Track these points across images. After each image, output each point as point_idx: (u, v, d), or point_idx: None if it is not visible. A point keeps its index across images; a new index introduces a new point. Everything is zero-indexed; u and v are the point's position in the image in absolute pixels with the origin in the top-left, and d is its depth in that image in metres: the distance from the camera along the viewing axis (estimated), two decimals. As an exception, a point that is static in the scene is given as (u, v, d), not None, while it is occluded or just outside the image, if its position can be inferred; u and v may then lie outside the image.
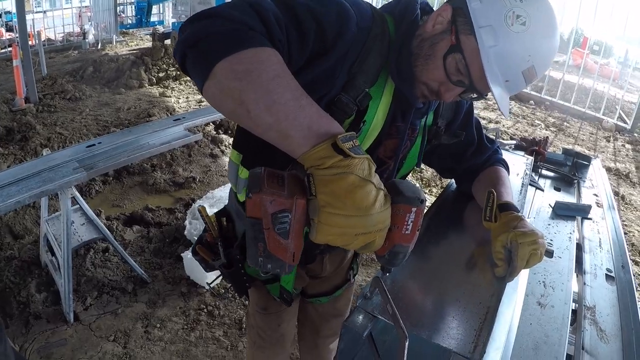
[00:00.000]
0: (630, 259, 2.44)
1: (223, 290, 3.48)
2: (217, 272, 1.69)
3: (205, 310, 3.30)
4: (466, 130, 1.64)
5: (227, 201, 1.76)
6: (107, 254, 3.78)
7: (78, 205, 3.42)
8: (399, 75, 1.26)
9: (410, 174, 5.67)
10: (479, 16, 1.12)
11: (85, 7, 16.83)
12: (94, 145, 3.45)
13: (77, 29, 15.57)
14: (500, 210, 1.50)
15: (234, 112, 0.98)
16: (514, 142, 3.14)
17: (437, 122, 1.54)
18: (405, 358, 1.05)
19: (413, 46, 1.24)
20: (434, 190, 5.68)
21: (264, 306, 1.83)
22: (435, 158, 1.75)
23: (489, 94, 1.20)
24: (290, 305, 1.67)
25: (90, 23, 15.61)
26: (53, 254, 3.36)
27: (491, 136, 1.92)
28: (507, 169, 1.81)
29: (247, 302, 3.19)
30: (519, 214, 1.47)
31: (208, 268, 1.68)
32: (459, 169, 1.80)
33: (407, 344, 1.05)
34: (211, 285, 3.48)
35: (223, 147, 6.40)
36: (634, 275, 2.23)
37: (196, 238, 3.51)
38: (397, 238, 0.99)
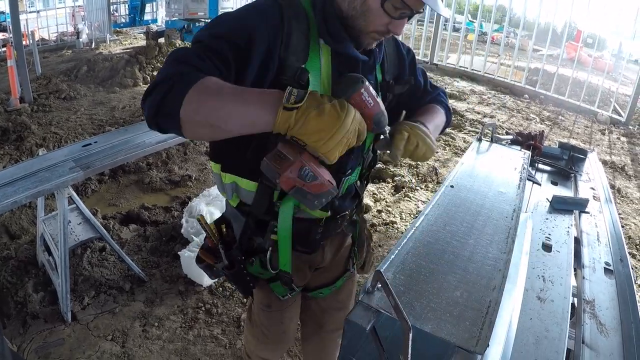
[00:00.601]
0: (628, 252, 2.45)
1: (221, 289, 3.48)
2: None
3: (203, 308, 3.30)
4: (415, 77, 1.78)
5: (223, 199, 1.81)
6: (104, 253, 3.78)
7: (74, 205, 3.42)
8: (334, 40, 1.40)
9: (407, 169, 5.74)
10: None
11: (79, 6, 16.75)
12: (89, 144, 3.45)
13: (71, 29, 15.50)
14: None
15: (213, 135, 1.27)
16: (510, 136, 3.14)
17: (385, 78, 1.65)
18: (409, 350, 1.06)
19: (343, 9, 1.38)
20: (430, 185, 5.68)
21: (268, 304, 1.86)
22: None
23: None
24: (291, 287, 1.71)
25: (83, 22, 15.57)
26: (50, 253, 3.36)
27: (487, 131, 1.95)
28: (448, 111, 1.88)
29: (245, 300, 3.21)
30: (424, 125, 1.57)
31: (213, 275, 1.76)
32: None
33: (411, 335, 1.06)
34: (210, 284, 3.48)
35: (219, 145, 6.38)
36: (632, 269, 2.24)
37: (193, 236, 3.54)
38: (370, 113, 1.26)
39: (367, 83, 1.24)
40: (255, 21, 1.31)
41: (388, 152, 1.49)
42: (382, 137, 1.46)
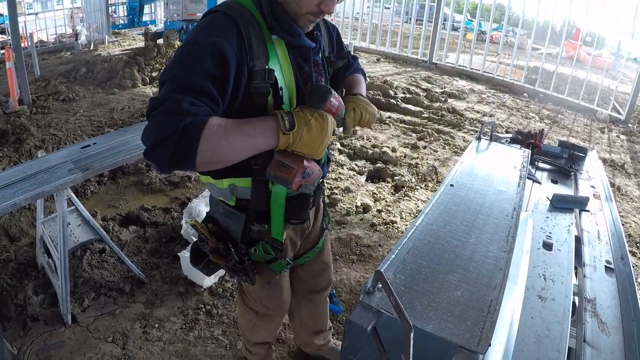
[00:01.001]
0: (629, 250, 2.45)
1: (221, 290, 3.47)
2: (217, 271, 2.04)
3: (203, 309, 3.30)
4: (343, 51, 2.03)
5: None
6: (103, 254, 3.77)
7: (74, 207, 3.41)
8: (290, 35, 1.59)
9: (407, 169, 5.74)
10: None
11: (77, 8, 16.76)
12: (88, 145, 3.43)
13: (69, 30, 15.51)
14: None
15: (226, 166, 1.46)
16: (509, 135, 3.14)
17: (325, 54, 1.88)
18: (411, 349, 1.06)
19: (277, 8, 1.57)
20: (430, 184, 5.68)
21: (267, 281, 2.06)
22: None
23: None
24: (282, 253, 1.90)
25: (82, 24, 15.55)
26: (50, 255, 3.36)
27: (486, 130, 2.01)
28: (365, 77, 2.16)
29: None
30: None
31: (210, 272, 1.96)
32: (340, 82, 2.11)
33: (412, 334, 1.06)
34: (210, 285, 3.48)
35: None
36: (633, 267, 2.23)
37: (193, 237, 3.54)
38: (336, 112, 1.61)
39: (332, 91, 1.55)
40: (223, 45, 1.42)
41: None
42: None
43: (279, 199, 1.72)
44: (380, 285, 1.25)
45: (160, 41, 12.69)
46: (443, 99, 10.10)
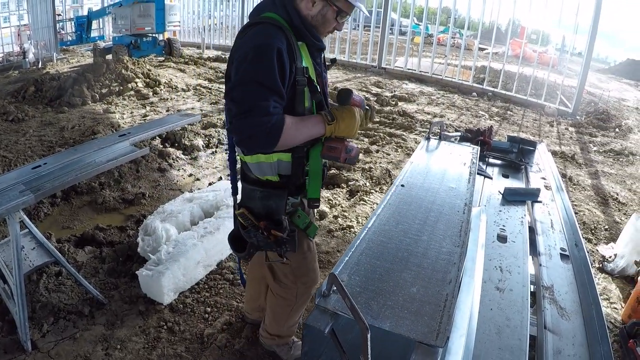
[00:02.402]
0: (584, 237, 2.51)
1: (182, 306, 3.43)
2: (177, 286, 2.53)
3: (165, 327, 3.24)
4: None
5: (178, 215, 2.36)
6: (60, 277, 3.68)
7: (27, 230, 3.31)
8: (318, 41, 2.12)
9: (360, 173, 5.79)
10: None
11: (24, 25, 16.42)
12: (39, 166, 3.35)
13: (17, 48, 15.17)
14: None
15: (292, 146, 2.05)
16: (459, 133, 3.19)
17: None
18: (369, 350, 1.06)
19: (309, 20, 2.07)
20: (384, 187, 5.73)
21: (308, 248, 2.46)
22: None
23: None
24: (319, 206, 2.30)
25: (29, 41, 15.24)
26: (5, 281, 3.25)
27: (436, 129, 2.22)
28: None
29: (207, 315, 3.18)
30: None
31: (275, 246, 2.23)
32: None
33: (369, 335, 1.06)
34: (170, 302, 3.44)
35: (171, 161, 6.33)
36: (588, 252, 2.29)
37: (150, 254, 3.50)
38: (360, 103, 2.20)
39: (353, 91, 2.19)
40: (282, 49, 1.90)
41: None
42: None
43: (317, 166, 2.17)
44: (336, 288, 1.26)
45: (109, 57, 12.50)
46: (393, 102, 10.22)
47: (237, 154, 2.40)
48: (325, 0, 2.04)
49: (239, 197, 2.42)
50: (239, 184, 2.45)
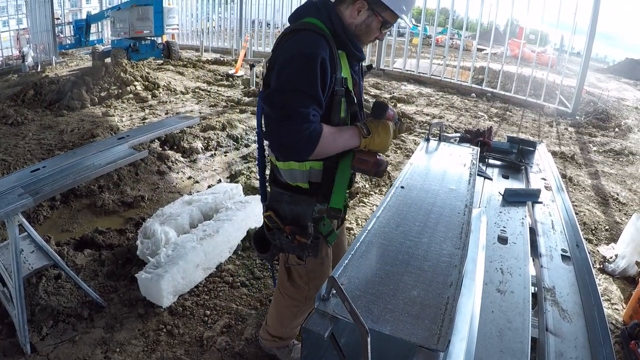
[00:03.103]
0: (584, 238, 2.50)
1: (181, 309, 3.42)
2: (177, 289, 2.48)
3: (164, 330, 3.23)
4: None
5: (177, 218, 2.27)
6: (59, 280, 3.66)
7: (26, 233, 3.30)
8: (357, 50, 2.11)
9: (359, 175, 5.80)
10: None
11: (23, 29, 16.45)
12: (38, 169, 3.34)
13: (16, 52, 15.19)
14: None
15: (326, 156, 2.05)
16: (458, 135, 3.18)
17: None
18: (369, 354, 1.05)
19: (352, 30, 2.08)
20: (384, 189, 5.72)
21: (326, 254, 2.44)
22: None
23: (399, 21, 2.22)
24: (341, 216, 2.41)
25: (28, 45, 15.27)
26: (4, 284, 3.24)
27: (435, 130, 2.58)
28: None
29: (206, 319, 3.17)
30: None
31: (299, 250, 2.27)
32: None
33: (369, 339, 1.05)
34: (170, 305, 3.42)
35: (170, 164, 6.33)
36: (589, 253, 2.28)
37: (149, 257, 3.49)
38: (393, 118, 2.22)
39: (388, 105, 2.20)
40: (325, 58, 1.90)
41: None
42: None
43: (344, 177, 2.16)
44: (335, 292, 1.25)
45: (108, 60, 12.51)
46: (392, 104, 10.21)
47: (267, 156, 2.41)
48: (371, 10, 2.04)
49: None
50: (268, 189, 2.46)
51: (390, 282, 1.38)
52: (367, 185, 5.74)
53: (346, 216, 2.73)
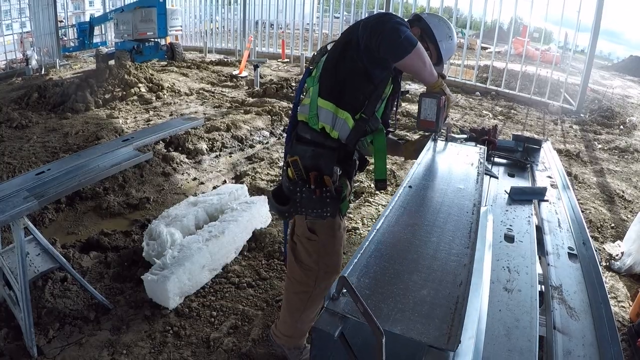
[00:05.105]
0: (590, 236, 2.49)
1: (187, 310, 3.42)
2: (183, 291, 2.51)
3: (171, 331, 3.24)
4: None
5: (183, 219, 2.28)
6: (65, 283, 3.67)
7: (32, 236, 3.31)
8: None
9: (365, 174, 5.77)
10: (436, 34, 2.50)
11: (27, 32, 16.49)
12: (43, 172, 3.35)
13: (20, 55, 15.24)
14: None
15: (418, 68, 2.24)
16: (464, 135, 3.17)
17: None
18: (384, 355, 1.04)
19: None
20: (389, 189, 5.72)
21: (339, 226, 2.53)
22: None
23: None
24: (386, 187, 2.52)
25: (32, 48, 15.31)
26: (10, 287, 3.24)
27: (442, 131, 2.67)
28: None
29: (213, 319, 3.17)
30: None
31: (319, 204, 2.30)
32: None
33: (384, 340, 1.04)
34: (176, 307, 3.43)
35: (175, 165, 6.33)
36: (595, 251, 2.27)
37: (155, 259, 3.50)
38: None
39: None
40: None
41: None
42: None
43: (381, 142, 2.37)
44: (345, 291, 1.24)
45: (112, 62, 12.54)
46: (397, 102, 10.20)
47: (298, 114, 2.47)
48: (435, 49, 2.51)
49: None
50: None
51: (399, 281, 1.37)
52: (372, 185, 5.73)
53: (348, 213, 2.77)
